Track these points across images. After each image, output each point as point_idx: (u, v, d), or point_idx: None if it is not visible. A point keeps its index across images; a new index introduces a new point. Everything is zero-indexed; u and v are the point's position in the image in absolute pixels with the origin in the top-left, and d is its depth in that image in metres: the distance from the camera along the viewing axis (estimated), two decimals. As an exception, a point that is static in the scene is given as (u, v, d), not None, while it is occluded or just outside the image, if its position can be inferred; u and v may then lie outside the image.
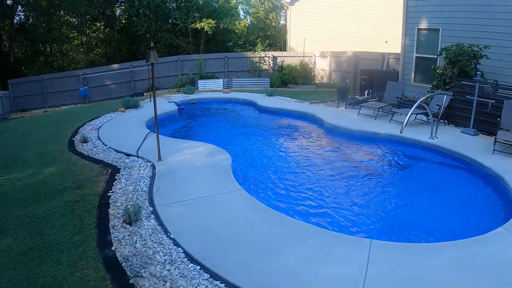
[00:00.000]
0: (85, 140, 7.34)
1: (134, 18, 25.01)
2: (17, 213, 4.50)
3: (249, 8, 29.05)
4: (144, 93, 16.28)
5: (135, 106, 10.96)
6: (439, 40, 10.74)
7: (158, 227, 4.06)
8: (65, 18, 23.69)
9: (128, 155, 6.57)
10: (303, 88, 15.76)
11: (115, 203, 4.61)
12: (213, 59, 18.29)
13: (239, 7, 29.71)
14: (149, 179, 5.45)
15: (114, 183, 5.24)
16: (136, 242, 3.73)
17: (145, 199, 4.77)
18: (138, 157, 6.44)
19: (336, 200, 5.46)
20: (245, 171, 6.47)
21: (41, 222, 4.23)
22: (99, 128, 8.60)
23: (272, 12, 26.59)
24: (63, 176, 5.62)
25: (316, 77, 17.26)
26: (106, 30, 26.31)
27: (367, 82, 12.53)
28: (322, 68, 17.77)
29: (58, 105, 16.14)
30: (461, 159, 6.95)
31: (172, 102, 12.14)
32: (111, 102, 13.92)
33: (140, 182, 5.30)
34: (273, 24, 26.75)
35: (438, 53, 10.17)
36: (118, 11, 26.50)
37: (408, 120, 6.85)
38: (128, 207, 4.22)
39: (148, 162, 6.16)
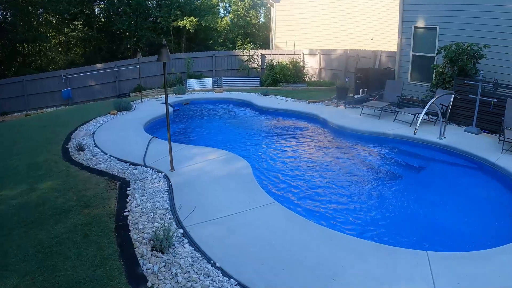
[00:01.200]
0: (81, 148, 6.58)
1: (114, 16, 23.89)
2: (17, 241, 3.78)
3: (229, 6, 28.46)
4: (131, 94, 15.40)
5: (127, 108, 10.16)
6: (436, 38, 10.70)
7: (197, 254, 3.48)
8: (44, 16, 22.26)
9: (134, 164, 5.88)
10: (294, 87, 15.41)
11: (135, 225, 3.99)
12: (201, 58, 17.66)
13: (219, 5, 29.13)
14: (166, 193, 4.81)
15: (127, 199, 4.60)
16: (177, 275, 3.14)
17: (170, 218, 4.15)
18: (146, 167, 5.77)
19: (376, 209, 5.09)
20: (268, 180, 5.92)
21: (50, 253, 3.55)
22: (93, 133, 7.79)
23: (252, 10, 26.16)
24: (65, 192, 4.91)
25: (306, 76, 16.98)
26: (85, 29, 24.97)
27: (363, 80, 12.36)
28: (311, 66, 17.51)
29: (40, 108, 15.07)
30: (472, 159, 6.93)
31: (166, 103, 11.42)
32: (98, 104, 12.96)
33: (157, 197, 4.67)
34: (253, 21, 26.35)
35: (437, 52, 10.10)
36: (97, 9, 25.21)
37: (420, 120, 6.73)
38: (157, 231, 3.60)
39: (159, 173, 5.51)
